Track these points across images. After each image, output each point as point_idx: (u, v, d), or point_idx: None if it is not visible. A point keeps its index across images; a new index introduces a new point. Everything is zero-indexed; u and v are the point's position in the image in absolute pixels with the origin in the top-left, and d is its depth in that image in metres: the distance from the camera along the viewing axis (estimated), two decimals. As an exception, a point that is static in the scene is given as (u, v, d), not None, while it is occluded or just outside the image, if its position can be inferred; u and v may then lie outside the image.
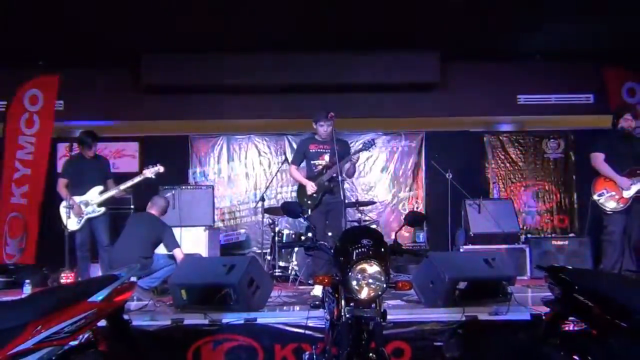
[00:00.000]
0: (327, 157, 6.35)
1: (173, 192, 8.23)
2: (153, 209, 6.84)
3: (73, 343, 3.01)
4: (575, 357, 3.05)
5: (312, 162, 6.43)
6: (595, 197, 6.25)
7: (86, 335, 3.15)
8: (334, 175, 6.20)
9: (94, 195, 6.89)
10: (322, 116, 6.28)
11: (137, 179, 6.96)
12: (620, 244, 6.15)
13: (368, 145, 6.46)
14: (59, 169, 8.22)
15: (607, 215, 6.24)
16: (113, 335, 3.30)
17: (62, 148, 9.14)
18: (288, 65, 8.52)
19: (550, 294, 3.43)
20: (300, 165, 6.63)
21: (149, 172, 6.94)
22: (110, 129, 9.28)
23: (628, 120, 6.27)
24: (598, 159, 6.31)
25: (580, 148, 9.27)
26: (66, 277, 6.47)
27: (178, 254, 6.47)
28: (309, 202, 6.28)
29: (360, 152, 6.51)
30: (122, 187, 6.98)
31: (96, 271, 6.99)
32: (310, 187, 6.29)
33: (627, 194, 6.07)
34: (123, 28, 7.52)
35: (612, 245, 6.21)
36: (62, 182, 6.98)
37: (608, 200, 6.17)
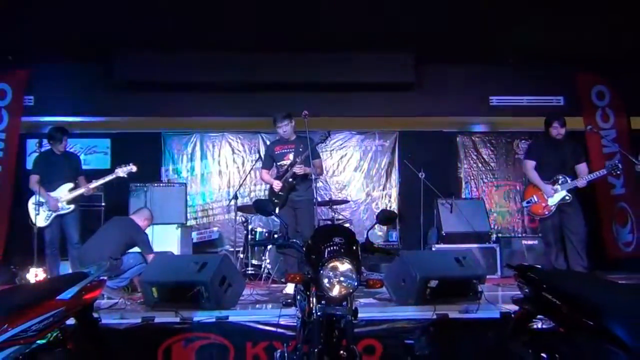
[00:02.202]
0: (291, 156, 6.45)
1: (145, 189, 8.15)
2: (135, 216, 6.78)
3: (41, 342, 2.97)
4: (543, 354, 3.09)
5: (278, 163, 6.59)
6: (523, 203, 6.74)
7: (54, 334, 3.11)
8: (297, 172, 6.28)
9: (64, 193, 6.79)
10: (277, 118, 6.48)
11: (108, 178, 6.88)
12: (555, 245, 6.49)
13: (323, 138, 6.62)
14: (29, 166, 8.08)
15: (540, 222, 6.71)
16: (82, 333, 3.27)
17: (32, 144, 8.98)
18: (263, 64, 8.48)
19: (519, 292, 3.48)
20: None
21: (122, 172, 6.86)
22: (81, 125, 9.14)
23: (557, 128, 6.54)
24: (528, 166, 6.71)
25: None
26: (35, 275, 6.38)
27: (149, 260, 6.40)
28: (276, 200, 6.40)
29: (317, 146, 6.67)
30: (93, 185, 6.88)
31: (66, 269, 6.89)
32: (276, 185, 6.41)
33: (552, 201, 6.44)
34: (95, 23, 7.41)
35: (548, 248, 6.60)
36: (34, 179, 6.86)
37: (535, 208, 6.57)
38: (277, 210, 6.31)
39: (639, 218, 8.14)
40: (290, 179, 6.36)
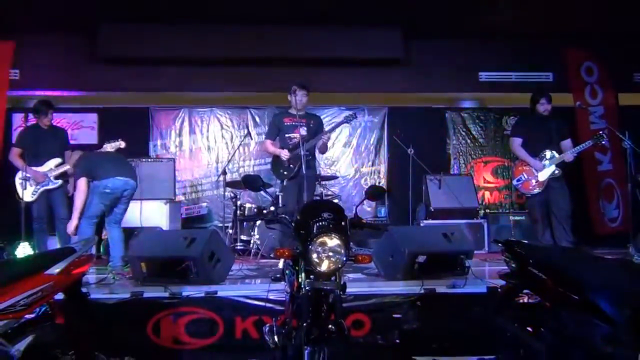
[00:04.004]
0: (302, 130, 6.28)
1: (133, 164, 8.10)
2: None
3: (29, 316, 2.97)
4: (529, 328, 3.14)
5: (286, 135, 6.41)
6: (514, 182, 6.75)
7: (43, 309, 3.11)
8: (312, 148, 6.27)
9: (52, 167, 6.75)
10: (298, 87, 6.31)
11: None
12: (542, 222, 6.56)
13: (350, 119, 6.62)
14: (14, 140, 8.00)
15: (528, 199, 6.77)
16: (71, 308, 3.27)
17: (18, 119, 8.89)
18: (250, 39, 8.41)
19: (506, 267, 3.51)
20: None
21: (110, 147, 6.80)
22: (68, 100, 9.06)
23: (544, 105, 6.58)
24: (515, 143, 6.74)
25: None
26: (23, 250, 6.36)
27: None
28: (285, 172, 6.31)
29: (341, 125, 6.77)
30: None
31: (54, 244, 6.87)
32: (284, 155, 6.26)
33: (542, 176, 6.47)
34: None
35: (535, 224, 6.66)
36: (15, 152, 6.81)
37: (526, 185, 6.61)
38: (284, 182, 6.32)
39: (624, 194, 8.20)
40: (306, 153, 6.20)
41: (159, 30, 8.29)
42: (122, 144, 6.82)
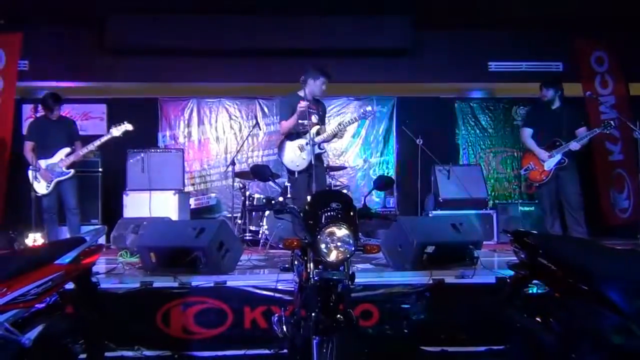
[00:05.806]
0: (313, 118, 6.18)
1: (142, 155, 8.13)
2: None
3: (40, 305, 2.99)
4: (538, 318, 3.13)
5: (299, 121, 6.15)
6: (522, 171, 6.85)
7: (53, 298, 3.13)
8: (325, 140, 6.20)
9: (62, 158, 6.78)
10: (320, 73, 6.13)
11: (104, 138, 6.87)
12: (551, 212, 6.59)
13: (368, 115, 6.49)
14: (25, 131, 8.04)
15: (537, 188, 6.81)
16: (80, 298, 3.30)
17: (27, 109, 8.92)
18: (258, 29, 8.39)
19: (515, 258, 3.50)
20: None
21: (117, 131, 6.85)
22: (76, 91, 9.08)
23: (543, 91, 6.60)
24: (525, 134, 6.78)
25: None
26: (33, 240, 6.39)
27: None
28: (297, 164, 6.19)
29: (356, 121, 6.73)
30: (90, 147, 6.87)
31: (64, 234, 6.91)
32: (303, 103, 5.97)
33: (547, 165, 6.48)
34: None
35: (545, 215, 6.72)
36: (28, 146, 6.85)
37: (533, 174, 6.64)
38: (295, 175, 6.17)
39: (635, 184, 8.15)
40: (318, 145, 6.15)
41: (167, 21, 8.28)
42: (128, 126, 6.86)
